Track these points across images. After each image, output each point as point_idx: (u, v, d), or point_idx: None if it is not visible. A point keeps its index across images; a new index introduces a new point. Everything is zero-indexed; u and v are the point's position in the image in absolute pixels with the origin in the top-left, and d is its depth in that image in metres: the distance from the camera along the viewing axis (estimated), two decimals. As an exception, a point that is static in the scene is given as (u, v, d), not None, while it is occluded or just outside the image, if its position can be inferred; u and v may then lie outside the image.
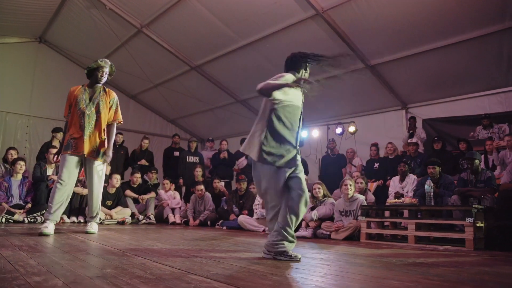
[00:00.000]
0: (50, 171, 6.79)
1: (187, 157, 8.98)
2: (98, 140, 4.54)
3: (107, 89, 4.78)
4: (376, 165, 7.61)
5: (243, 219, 6.56)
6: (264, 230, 6.19)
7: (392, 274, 2.36)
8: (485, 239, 4.25)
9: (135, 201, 7.68)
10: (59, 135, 8.07)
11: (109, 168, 7.93)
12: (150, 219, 7.42)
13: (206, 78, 9.50)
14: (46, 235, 4.02)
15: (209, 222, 7.41)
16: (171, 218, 7.75)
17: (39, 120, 9.74)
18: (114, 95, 4.80)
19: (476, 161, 5.59)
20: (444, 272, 2.48)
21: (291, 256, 2.85)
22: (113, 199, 7.13)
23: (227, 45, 8.21)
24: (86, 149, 4.42)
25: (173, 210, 7.98)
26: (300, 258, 2.85)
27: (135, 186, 7.86)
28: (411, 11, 6.22)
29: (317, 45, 7.38)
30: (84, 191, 6.82)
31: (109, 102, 4.72)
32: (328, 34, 7.05)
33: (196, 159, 8.97)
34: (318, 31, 7.06)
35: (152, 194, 7.83)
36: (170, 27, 8.11)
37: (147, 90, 10.76)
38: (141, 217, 7.41)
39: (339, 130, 8.80)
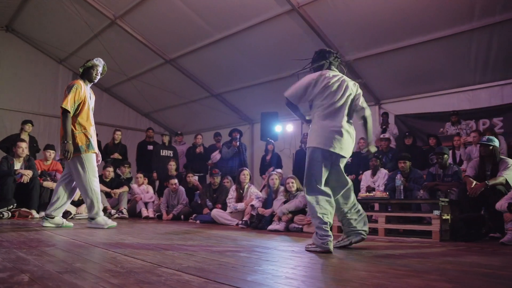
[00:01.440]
0: (18, 165, 6.59)
1: (161, 151, 8.90)
2: None
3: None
4: (349, 159, 7.71)
5: (216, 213, 6.56)
6: (237, 224, 6.22)
7: (361, 265, 2.42)
8: (450, 231, 4.40)
9: (108, 195, 7.57)
10: (28, 127, 7.88)
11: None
12: (122, 213, 7.33)
13: (181, 71, 9.43)
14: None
15: (182, 216, 7.39)
16: (144, 212, 7.68)
17: (6, 112, 9.47)
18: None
19: (446, 156, 5.79)
20: (411, 263, 2.56)
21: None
22: (84, 194, 7.00)
23: (202, 39, 8.16)
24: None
25: (146, 204, 7.91)
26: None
27: (108, 180, 7.74)
28: (385, 9, 6.33)
29: (292, 40, 7.44)
30: (55, 185, 6.68)
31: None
32: (304, 30, 7.10)
33: (170, 153, 8.90)
34: (293, 26, 7.10)
35: (125, 188, 7.74)
36: (144, 19, 8.00)
37: (121, 83, 10.59)
38: (113, 211, 7.31)
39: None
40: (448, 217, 4.46)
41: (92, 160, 4.53)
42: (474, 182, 4.77)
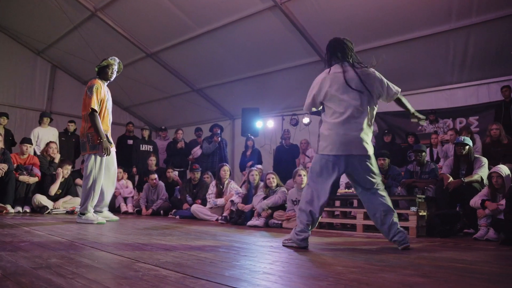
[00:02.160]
0: (-8, 158, 6.46)
1: (141, 145, 8.83)
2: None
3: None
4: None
5: (196, 208, 6.55)
6: (217, 219, 6.21)
7: (338, 261, 2.45)
8: (427, 227, 4.50)
9: (86, 190, 7.44)
10: (3, 120, 7.73)
11: (59, 155, 7.67)
12: (101, 208, 7.22)
13: (162, 65, 9.35)
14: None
15: (162, 211, 7.35)
16: (123, 208, 7.61)
17: (-18, 104, 9.25)
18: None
19: (423, 153, 5.91)
20: (387, 258, 2.60)
21: None
22: (62, 188, 6.89)
23: (184, 33, 8.10)
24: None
25: (125, 199, 7.83)
26: None
27: (86, 174, 7.61)
28: (365, 8, 6.39)
29: (274, 36, 7.45)
30: (31, 180, 6.57)
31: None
32: (286, 26, 7.12)
33: (150, 148, 8.84)
34: (275, 23, 7.11)
35: (104, 183, 7.63)
36: (126, 12, 7.89)
37: (101, 77, 10.42)
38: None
39: (293, 121, 8.93)
40: (425, 213, 4.54)
41: (102, 158, 4.79)
42: (450, 178, 4.90)
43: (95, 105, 4.71)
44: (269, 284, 1.73)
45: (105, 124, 4.91)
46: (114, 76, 5.08)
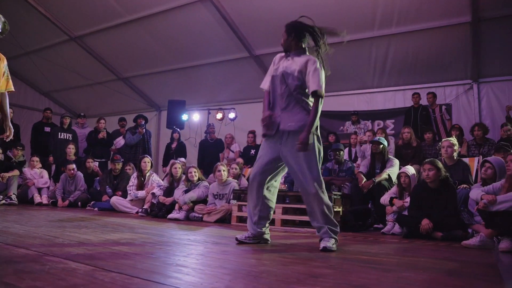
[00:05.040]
0: None
1: (59, 133, 8.34)
2: None
3: None
4: (253, 151, 7.90)
5: (116, 200, 6.35)
6: (137, 212, 6.08)
7: (252, 254, 2.52)
8: (341, 222, 4.75)
9: (-5, 179, 6.91)
10: None
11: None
12: (11, 199, 6.75)
13: (87, 51, 8.91)
14: None
15: (79, 203, 7.02)
16: (37, 199, 7.16)
17: None
18: (5, 60, 4.08)
19: (342, 152, 6.23)
20: (299, 251, 2.74)
21: None
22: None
23: (112, 19, 7.79)
24: None
25: (39, 190, 7.37)
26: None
27: (-5, 163, 7.07)
28: (297, 9, 6.49)
29: (205, 29, 7.42)
30: None
31: (2, 67, 4.02)
32: (216, 20, 7.12)
33: (69, 136, 8.36)
34: (206, 16, 7.08)
35: (15, 172, 7.12)
36: (46, -11, 7.39)
37: (17, 57, 9.59)
38: (0, 197, 6.70)
39: (219, 115, 8.94)
40: (340, 209, 4.81)
41: None
42: (364, 179, 5.25)
43: None
44: (180, 276, 1.74)
45: None
46: None
